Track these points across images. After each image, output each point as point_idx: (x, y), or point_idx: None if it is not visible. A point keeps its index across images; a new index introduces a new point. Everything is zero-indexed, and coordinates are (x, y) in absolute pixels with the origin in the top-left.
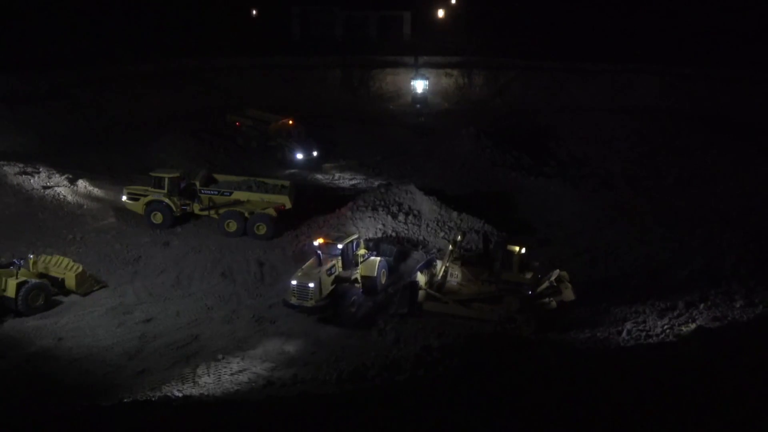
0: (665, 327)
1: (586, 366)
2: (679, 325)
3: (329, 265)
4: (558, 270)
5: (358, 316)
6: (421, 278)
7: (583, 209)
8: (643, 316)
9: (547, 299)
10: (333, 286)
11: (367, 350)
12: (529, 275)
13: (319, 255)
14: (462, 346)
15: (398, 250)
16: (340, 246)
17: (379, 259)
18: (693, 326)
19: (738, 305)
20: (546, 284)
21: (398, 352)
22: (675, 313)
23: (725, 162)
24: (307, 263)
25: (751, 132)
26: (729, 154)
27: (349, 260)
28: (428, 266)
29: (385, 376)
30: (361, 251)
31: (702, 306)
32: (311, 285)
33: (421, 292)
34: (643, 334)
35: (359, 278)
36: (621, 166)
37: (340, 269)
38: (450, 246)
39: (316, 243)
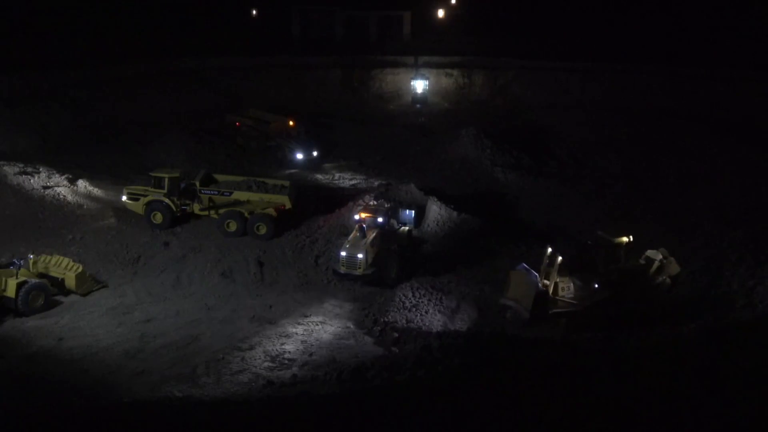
0: (666, 326)
1: (587, 366)
2: (681, 324)
3: (372, 236)
4: (654, 249)
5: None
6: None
7: (583, 209)
8: (643, 316)
9: (661, 278)
10: (375, 255)
11: (367, 350)
12: (641, 260)
13: (363, 228)
14: (462, 346)
15: (416, 214)
16: (381, 219)
17: (408, 228)
18: (693, 326)
19: (738, 305)
20: (657, 264)
21: (398, 352)
22: (675, 313)
23: (725, 162)
24: (351, 236)
25: (751, 132)
26: (729, 154)
27: (389, 231)
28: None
29: (385, 376)
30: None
31: (702, 306)
32: (360, 256)
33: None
34: (643, 334)
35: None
36: (621, 166)
37: (379, 239)
38: (558, 259)
39: (357, 217)
